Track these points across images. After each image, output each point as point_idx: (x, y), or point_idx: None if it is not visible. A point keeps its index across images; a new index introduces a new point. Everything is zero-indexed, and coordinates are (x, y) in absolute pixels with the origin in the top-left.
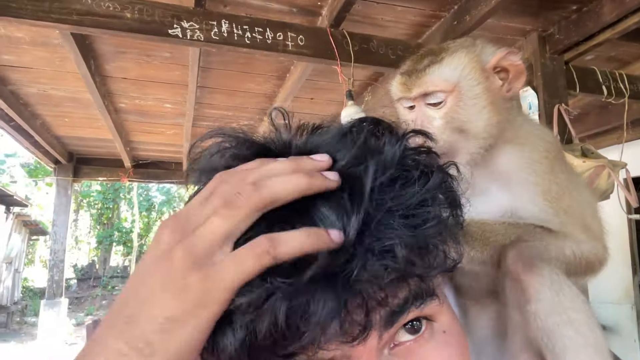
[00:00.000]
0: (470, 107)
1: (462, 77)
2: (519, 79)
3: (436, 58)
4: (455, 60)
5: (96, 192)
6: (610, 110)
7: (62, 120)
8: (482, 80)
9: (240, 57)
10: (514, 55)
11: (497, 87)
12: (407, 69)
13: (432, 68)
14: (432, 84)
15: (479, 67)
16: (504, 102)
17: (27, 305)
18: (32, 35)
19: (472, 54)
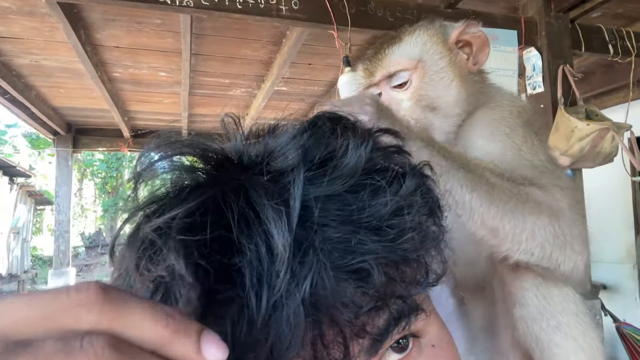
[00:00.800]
0: (437, 82)
1: (424, 52)
2: (483, 50)
3: (394, 40)
4: (415, 38)
5: (99, 161)
6: (616, 69)
7: (57, 91)
8: (445, 53)
9: (234, 23)
10: (473, 27)
11: (463, 61)
12: (368, 56)
13: (392, 48)
14: (393, 63)
15: (440, 41)
16: (472, 76)
17: (37, 273)
18: (19, 4)
19: (431, 29)
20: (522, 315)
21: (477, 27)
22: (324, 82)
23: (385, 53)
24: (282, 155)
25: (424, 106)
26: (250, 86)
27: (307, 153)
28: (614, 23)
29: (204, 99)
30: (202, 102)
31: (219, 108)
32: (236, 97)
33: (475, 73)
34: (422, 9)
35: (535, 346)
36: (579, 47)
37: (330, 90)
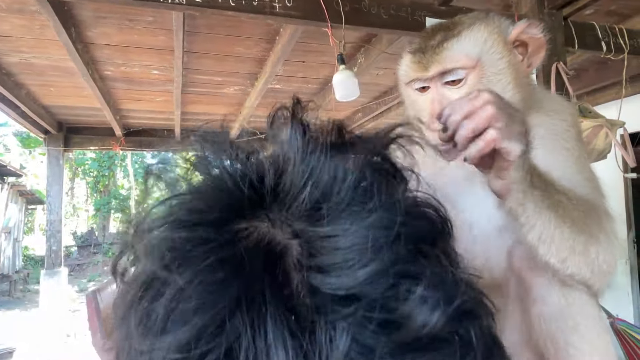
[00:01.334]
0: (495, 84)
1: (484, 51)
2: (539, 53)
3: (452, 32)
4: (476, 33)
5: (91, 160)
6: (609, 66)
7: (48, 90)
8: (505, 53)
9: (227, 20)
10: (535, 27)
11: (519, 62)
12: (419, 46)
13: (450, 42)
14: (452, 59)
15: (500, 39)
16: (525, 78)
17: (29, 273)
18: (8, 1)
19: (492, 26)
20: (541, 313)
21: (537, 29)
22: (318, 80)
23: (442, 47)
24: (344, 267)
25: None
26: (243, 84)
27: (375, 278)
28: (607, 20)
29: (197, 97)
30: (195, 100)
31: (212, 106)
32: (229, 95)
33: (527, 76)
34: (416, 6)
35: (550, 345)
36: (572, 44)
37: (324, 88)
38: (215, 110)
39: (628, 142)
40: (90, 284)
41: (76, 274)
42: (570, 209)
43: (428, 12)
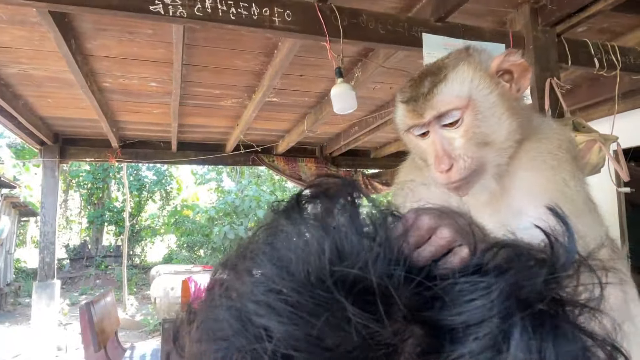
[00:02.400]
0: (490, 118)
1: (473, 89)
2: (525, 76)
3: (438, 77)
4: (461, 74)
5: (85, 172)
6: (601, 82)
7: (46, 101)
8: (493, 86)
9: (226, 34)
10: (514, 54)
11: (507, 90)
12: (411, 95)
13: (439, 87)
14: (444, 103)
15: (485, 74)
16: (517, 103)
17: (20, 286)
18: (9, 13)
19: (473, 63)
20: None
21: (518, 55)
22: (315, 93)
23: (433, 92)
24: None
25: (478, 143)
26: (241, 97)
27: None
28: (599, 37)
29: (194, 109)
30: (193, 112)
31: (209, 118)
32: (227, 107)
33: (518, 101)
34: (412, 22)
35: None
36: (565, 60)
37: (321, 102)
38: (212, 122)
39: (621, 157)
40: (82, 297)
41: (68, 287)
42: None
43: (424, 28)
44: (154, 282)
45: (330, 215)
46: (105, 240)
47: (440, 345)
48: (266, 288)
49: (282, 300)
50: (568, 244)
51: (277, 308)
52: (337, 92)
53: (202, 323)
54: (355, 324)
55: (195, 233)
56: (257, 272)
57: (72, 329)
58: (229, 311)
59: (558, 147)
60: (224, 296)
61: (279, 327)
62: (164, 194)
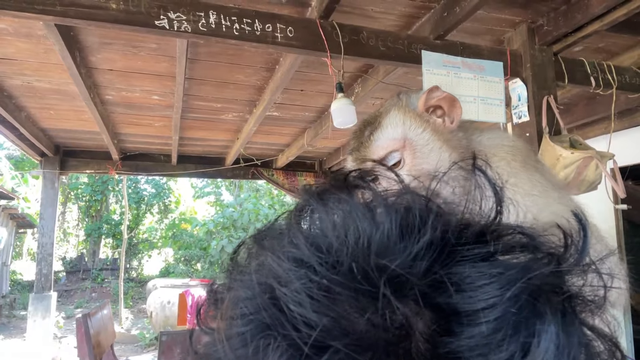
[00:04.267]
0: (428, 154)
1: (405, 130)
2: (455, 107)
3: (374, 125)
4: (393, 118)
5: (84, 184)
6: (598, 101)
7: (48, 113)
8: (424, 124)
9: (229, 49)
10: (436, 90)
11: (440, 124)
12: (353, 145)
13: (375, 134)
14: (382, 147)
15: (414, 114)
16: (454, 134)
17: (15, 298)
18: (16, 26)
19: (403, 106)
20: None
21: (439, 90)
22: (315, 108)
23: (370, 140)
24: None
25: (423, 180)
26: (242, 111)
27: None
28: (596, 57)
29: (195, 123)
30: (194, 125)
31: (209, 132)
32: (227, 121)
33: (456, 131)
34: (412, 40)
35: None
36: (562, 79)
37: (321, 116)
38: (213, 136)
39: (618, 174)
40: (77, 310)
41: (63, 300)
42: None
43: (424, 46)
44: (151, 296)
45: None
46: (102, 253)
47: (451, 328)
48: (308, 278)
49: (323, 291)
50: (582, 245)
51: (320, 300)
52: (338, 107)
53: (234, 304)
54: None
55: (192, 246)
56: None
57: (67, 342)
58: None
59: (507, 163)
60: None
61: (320, 319)
62: (162, 207)
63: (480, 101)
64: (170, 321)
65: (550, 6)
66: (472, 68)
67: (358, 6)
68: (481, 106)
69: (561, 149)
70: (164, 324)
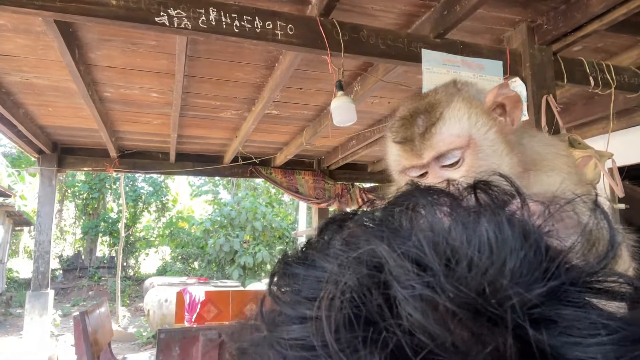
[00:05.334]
0: (492, 155)
1: (472, 127)
2: (518, 107)
3: (434, 115)
4: (458, 111)
5: (81, 182)
6: (596, 100)
7: (46, 110)
8: (491, 122)
9: (229, 46)
10: (506, 87)
11: (503, 124)
12: (405, 135)
13: (437, 126)
14: (445, 143)
15: (481, 111)
16: (513, 136)
17: (12, 296)
18: (15, 22)
19: (467, 98)
20: None
21: (508, 88)
22: (314, 106)
23: (431, 133)
24: None
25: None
26: (241, 109)
27: None
28: (595, 56)
29: (194, 121)
30: (192, 123)
31: (208, 130)
32: (226, 119)
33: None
34: (412, 38)
35: None
36: (561, 78)
37: (320, 115)
38: (212, 134)
39: (616, 173)
40: (74, 308)
41: (60, 298)
42: None
43: (424, 44)
44: (148, 294)
45: (510, 224)
46: (99, 251)
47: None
48: (431, 288)
49: (445, 307)
50: None
51: (441, 316)
52: (338, 105)
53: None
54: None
55: (190, 245)
56: (421, 262)
57: (64, 340)
58: (378, 291)
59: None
60: (371, 272)
61: (436, 332)
62: (160, 205)
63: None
64: (168, 319)
65: (550, 5)
66: (471, 67)
67: (358, 4)
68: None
69: None
70: (161, 322)
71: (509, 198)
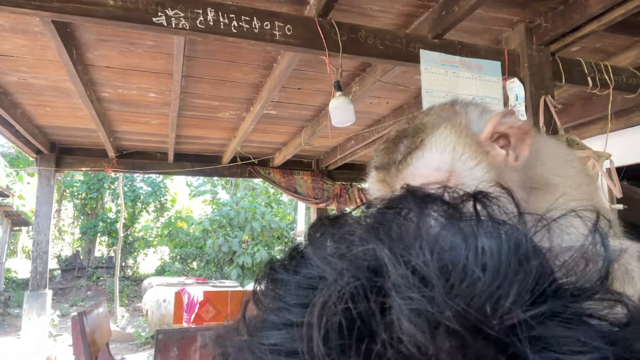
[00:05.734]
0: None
1: (455, 160)
2: (524, 141)
3: (414, 142)
4: (442, 140)
5: (79, 182)
6: (594, 101)
7: (44, 110)
8: (481, 156)
9: (227, 46)
10: (511, 115)
11: (502, 159)
12: (383, 161)
13: (414, 156)
14: (420, 176)
15: (471, 141)
16: (515, 170)
17: (10, 296)
18: (12, 22)
19: (458, 125)
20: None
21: (514, 116)
22: (312, 107)
23: (405, 162)
24: None
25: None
26: (239, 109)
27: None
28: (593, 57)
29: (192, 121)
30: (190, 123)
31: (206, 130)
32: (224, 119)
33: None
34: (410, 38)
35: None
36: (559, 78)
37: (318, 115)
38: (210, 134)
39: (614, 173)
40: (72, 308)
41: (58, 298)
42: None
43: (422, 45)
44: (146, 294)
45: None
46: (97, 251)
47: None
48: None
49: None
50: None
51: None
52: (336, 105)
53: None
54: None
55: (188, 245)
56: (422, 274)
57: (63, 341)
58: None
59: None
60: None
61: (431, 348)
62: (158, 206)
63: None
64: (166, 319)
65: (548, 6)
66: (470, 67)
67: (356, 4)
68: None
69: None
70: (159, 323)
71: (507, 212)
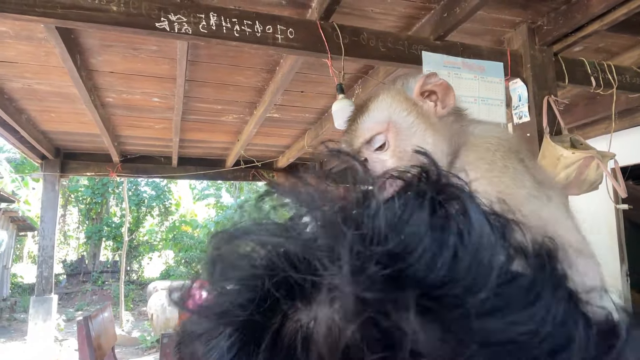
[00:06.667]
0: (412, 136)
1: (391, 113)
2: (448, 94)
3: (363, 107)
4: (380, 102)
5: (84, 187)
6: (598, 101)
7: (48, 115)
8: (411, 108)
9: (229, 51)
10: (433, 77)
11: (431, 109)
12: (347, 127)
13: (363, 117)
14: (367, 130)
15: (403, 98)
16: (445, 118)
17: (16, 301)
18: (16, 29)
19: (393, 90)
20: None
21: (436, 77)
22: (315, 110)
23: (358, 123)
24: None
25: (407, 161)
26: (242, 112)
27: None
28: (596, 57)
29: (195, 125)
30: (194, 127)
31: (210, 133)
32: (228, 123)
33: (450, 115)
34: (412, 40)
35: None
36: (562, 79)
37: (321, 118)
38: (213, 137)
39: (619, 174)
40: (78, 313)
41: (64, 303)
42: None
43: (424, 46)
44: (151, 298)
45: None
46: (102, 256)
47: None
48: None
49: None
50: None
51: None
52: (339, 108)
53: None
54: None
55: (193, 249)
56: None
57: (68, 345)
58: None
59: (486, 150)
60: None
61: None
62: (163, 210)
63: (480, 102)
64: (171, 323)
65: (550, 6)
66: (472, 69)
67: (358, 7)
68: (482, 107)
69: (562, 149)
70: (164, 327)
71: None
